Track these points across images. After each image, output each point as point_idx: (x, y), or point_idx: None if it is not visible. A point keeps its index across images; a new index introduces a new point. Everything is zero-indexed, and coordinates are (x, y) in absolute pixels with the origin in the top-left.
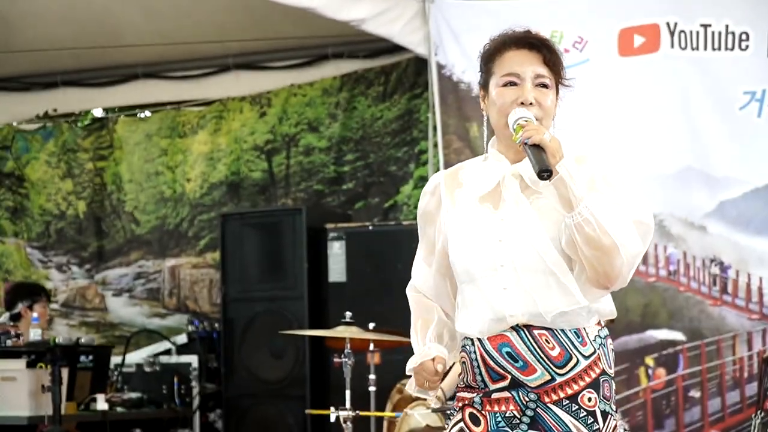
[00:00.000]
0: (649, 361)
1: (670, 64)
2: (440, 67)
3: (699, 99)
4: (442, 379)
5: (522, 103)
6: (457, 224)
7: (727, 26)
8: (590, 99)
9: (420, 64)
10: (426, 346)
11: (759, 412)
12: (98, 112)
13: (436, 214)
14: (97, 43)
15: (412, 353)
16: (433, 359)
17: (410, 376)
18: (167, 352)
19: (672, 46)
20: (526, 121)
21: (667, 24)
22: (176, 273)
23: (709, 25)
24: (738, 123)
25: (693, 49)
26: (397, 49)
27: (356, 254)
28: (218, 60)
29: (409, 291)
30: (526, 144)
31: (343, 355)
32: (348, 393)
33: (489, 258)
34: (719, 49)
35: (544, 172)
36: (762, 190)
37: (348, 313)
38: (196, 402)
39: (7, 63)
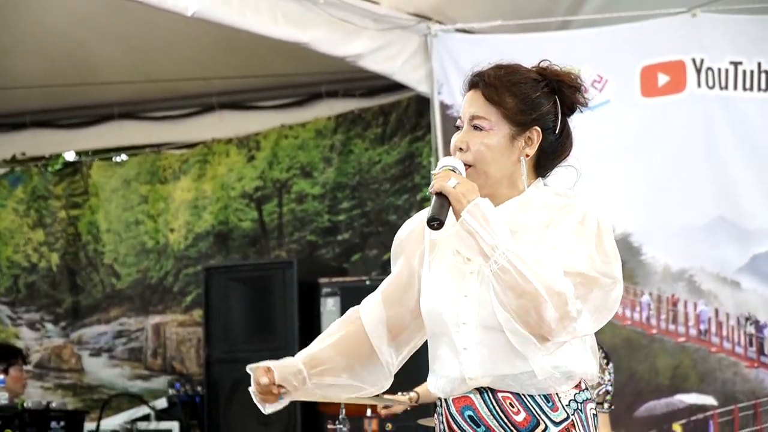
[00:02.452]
0: (677, 427)
1: (697, 106)
2: (445, 107)
3: (729, 144)
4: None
5: (457, 149)
6: (430, 275)
7: (759, 64)
8: (612, 144)
9: (422, 103)
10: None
11: None
12: (70, 156)
13: (411, 249)
14: (69, 81)
15: (414, 419)
16: (267, 369)
17: None
18: (146, 417)
19: (699, 85)
20: (443, 168)
21: (693, 61)
22: (161, 331)
23: (740, 63)
24: None
25: (722, 88)
26: (396, 87)
27: None
28: (201, 99)
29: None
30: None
31: (337, 422)
32: None
33: (453, 314)
34: (750, 89)
35: (433, 222)
36: None
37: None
38: None
39: None
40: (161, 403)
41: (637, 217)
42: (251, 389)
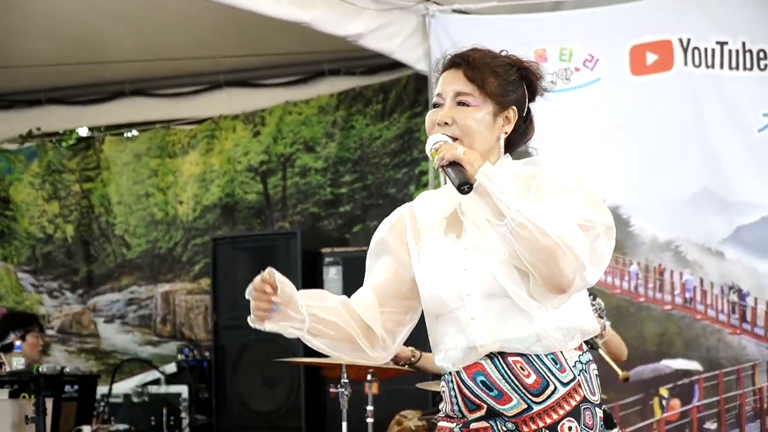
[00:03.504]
0: (664, 391)
1: (684, 83)
2: None
3: (715, 120)
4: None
5: (438, 124)
6: (424, 260)
7: (744, 44)
8: (602, 120)
9: (420, 81)
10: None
11: None
12: (83, 131)
13: (395, 247)
14: (81, 59)
15: (413, 383)
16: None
17: (411, 406)
18: (156, 381)
19: (686, 63)
20: (438, 143)
21: (680, 40)
22: (170, 299)
23: (726, 43)
24: (756, 146)
25: (708, 67)
26: (396, 65)
27: (353, 280)
28: (209, 77)
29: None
30: (443, 167)
31: (339, 385)
32: (345, 425)
33: (455, 288)
34: (736, 68)
35: (464, 185)
36: None
37: None
38: None
39: None
40: (171, 367)
41: (626, 190)
42: (249, 292)
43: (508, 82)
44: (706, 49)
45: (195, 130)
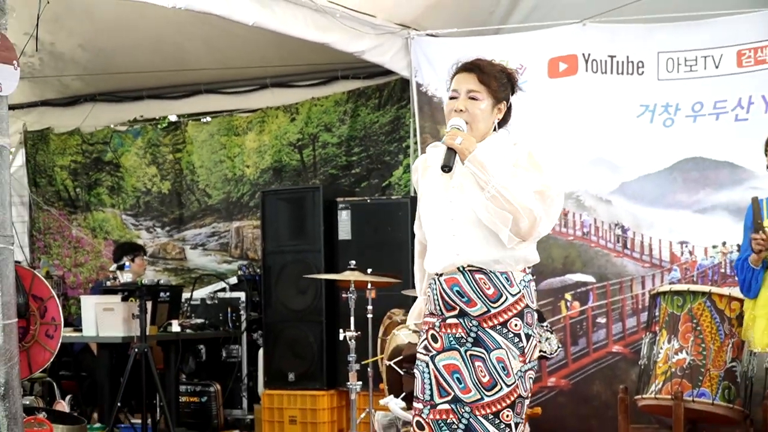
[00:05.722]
0: (568, 296)
1: (586, 84)
2: (419, 85)
3: (607, 109)
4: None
5: (455, 111)
6: (425, 190)
7: (627, 56)
8: (528, 110)
9: (404, 83)
10: (419, 301)
11: (648, 333)
12: (173, 118)
13: (417, 185)
14: (171, 68)
15: (399, 291)
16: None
17: (398, 306)
18: (223, 289)
19: (587, 70)
20: (450, 128)
21: (583, 54)
22: (240, 232)
23: (615, 56)
24: (635, 127)
25: (603, 73)
26: (388, 72)
27: (359, 220)
28: (259, 80)
29: (416, 236)
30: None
31: (348, 292)
32: (352, 319)
33: (443, 213)
34: (622, 73)
35: (444, 168)
36: (652, 175)
37: (352, 262)
38: (243, 326)
39: (107, 82)
40: (233, 280)
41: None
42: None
43: (502, 84)
44: (601, 60)
45: (250, 117)
